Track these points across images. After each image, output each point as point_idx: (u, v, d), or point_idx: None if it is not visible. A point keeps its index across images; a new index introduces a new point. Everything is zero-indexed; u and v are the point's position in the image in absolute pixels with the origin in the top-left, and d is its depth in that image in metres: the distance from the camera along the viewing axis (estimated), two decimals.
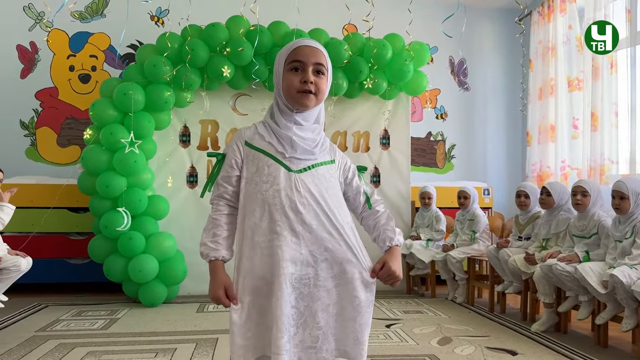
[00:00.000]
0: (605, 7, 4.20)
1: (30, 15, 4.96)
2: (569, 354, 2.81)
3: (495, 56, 5.98)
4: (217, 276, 1.43)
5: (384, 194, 4.81)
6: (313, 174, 1.43)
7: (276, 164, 1.41)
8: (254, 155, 1.43)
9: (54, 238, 4.45)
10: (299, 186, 1.39)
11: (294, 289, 1.36)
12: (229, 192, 1.45)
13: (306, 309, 1.38)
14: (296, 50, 1.41)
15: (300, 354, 1.38)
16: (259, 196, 1.39)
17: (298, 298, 1.37)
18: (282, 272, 1.34)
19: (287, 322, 1.34)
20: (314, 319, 1.38)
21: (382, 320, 3.55)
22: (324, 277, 1.39)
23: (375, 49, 4.33)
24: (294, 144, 1.41)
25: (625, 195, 2.92)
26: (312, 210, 1.38)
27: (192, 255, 4.31)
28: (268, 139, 1.43)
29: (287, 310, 1.34)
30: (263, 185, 1.39)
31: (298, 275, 1.37)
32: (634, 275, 2.66)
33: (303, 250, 1.37)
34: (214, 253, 1.43)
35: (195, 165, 4.53)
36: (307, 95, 1.40)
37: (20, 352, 2.78)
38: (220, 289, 1.41)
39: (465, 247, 4.21)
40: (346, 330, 1.42)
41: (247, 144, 1.44)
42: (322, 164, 1.46)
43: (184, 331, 3.27)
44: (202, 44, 4.06)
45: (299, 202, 1.38)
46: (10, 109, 4.90)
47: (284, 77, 1.41)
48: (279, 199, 1.37)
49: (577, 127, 4.66)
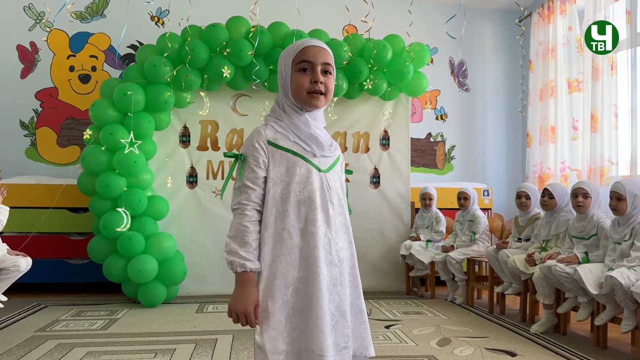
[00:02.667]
0: (605, 9, 4.21)
1: (30, 16, 4.96)
2: (568, 355, 2.81)
3: (495, 57, 5.98)
4: (251, 291, 1.33)
5: (384, 195, 4.81)
6: (334, 171, 1.45)
7: (307, 164, 1.39)
8: (282, 155, 1.38)
9: (53, 238, 4.45)
10: (328, 186, 1.41)
11: (328, 290, 1.37)
12: (257, 195, 1.37)
13: (337, 309, 1.39)
14: (304, 51, 1.40)
15: (336, 357, 1.37)
16: (292, 197, 1.36)
17: (330, 299, 1.37)
18: (319, 272, 1.35)
19: (327, 323, 1.34)
20: (344, 318, 1.39)
21: (382, 321, 3.55)
22: (345, 276, 1.42)
23: (375, 49, 4.33)
24: (319, 142, 1.41)
25: (622, 196, 2.92)
26: (336, 210, 1.41)
27: (192, 256, 4.33)
28: (293, 139, 1.40)
29: (327, 312, 1.35)
30: (295, 186, 1.37)
31: (329, 276, 1.38)
32: (633, 277, 2.66)
33: (332, 250, 1.39)
34: (251, 265, 1.32)
35: (195, 166, 4.53)
36: (318, 95, 1.39)
37: (19, 352, 2.78)
38: (252, 305, 1.33)
39: (464, 248, 4.21)
40: (357, 324, 1.45)
41: (270, 144, 1.38)
42: (337, 161, 1.48)
43: (183, 332, 3.27)
44: (202, 44, 4.07)
45: (329, 202, 1.39)
46: (10, 109, 4.90)
47: (293, 77, 1.40)
48: (314, 199, 1.37)
49: (577, 129, 4.66)
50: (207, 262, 4.36)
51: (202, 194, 4.51)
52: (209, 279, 4.32)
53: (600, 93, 4.21)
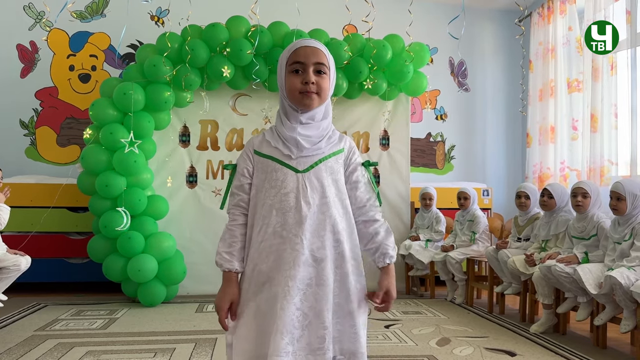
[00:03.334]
0: (605, 9, 4.21)
1: (30, 15, 4.96)
2: (568, 355, 2.81)
3: (495, 57, 5.98)
4: (229, 288, 1.42)
5: (384, 195, 4.81)
6: (320, 168, 1.42)
7: (283, 168, 1.41)
8: (262, 162, 1.44)
9: (53, 238, 4.45)
10: (305, 186, 1.39)
11: (298, 291, 1.36)
12: (244, 200, 1.45)
13: (310, 309, 1.37)
14: (296, 52, 1.41)
15: (309, 356, 1.36)
16: (267, 202, 1.40)
17: (302, 299, 1.36)
18: (287, 274, 1.35)
19: (290, 324, 1.33)
20: (319, 319, 1.37)
21: (381, 321, 3.55)
22: (325, 276, 1.38)
23: (375, 49, 4.33)
24: (299, 144, 1.41)
25: (622, 196, 2.92)
26: (315, 208, 1.38)
27: (192, 255, 4.33)
28: (274, 144, 1.43)
29: (290, 313, 1.34)
30: (271, 190, 1.40)
31: (301, 277, 1.36)
32: (633, 277, 2.67)
33: (306, 250, 1.37)
34: (228, 265, 1.42)
35: (195, 165, 4.53)
36: (309, 95, 1.40)
37: (19, 352, 2.78)
38: (226, 302, 1.41)
39: (464, 248, 4.21)
40: (345, 326, 1.42)
41: (256, 152, 1.46)
42: (331, 156, 1.45)
43: (183, 331, 3.27)
44: (202, 44, 4.07)
45: (305, 202, 1.38)
46: (10, 109, 4.90)
47: (286, 79, 1.42)
48: (286, 202, 1.38)
49: (576, 129, 4.66)
50: (206, 262, 4.35)
51: (202, 194, 4.51)
52: (208, 279, 4.31)
53: (600, 93, 4.21)
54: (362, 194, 1.49)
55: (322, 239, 1.39)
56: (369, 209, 1.49)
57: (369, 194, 1.51)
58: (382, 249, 1.47)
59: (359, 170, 1.50)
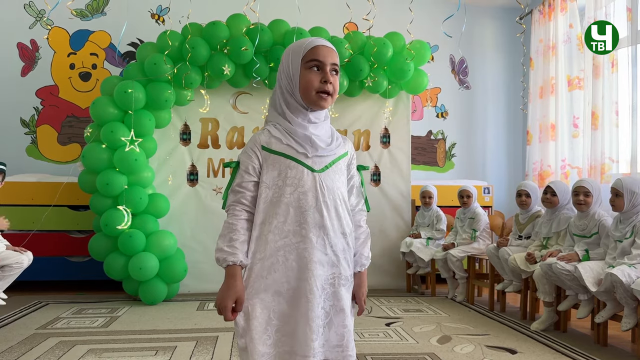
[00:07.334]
0: (606, 6, 4.20)
1: (30, 13, 4.96)
2: (569, 352, 2.82)
3: (496, 55, 5.97)
4: (234, 284, 1.34)
5: (385, 193, 4.81)
6: (333, 170, 1.42)
7: (299, 166, 1.38)
8: (274, 159, 1.39)
9: (54, 236, 4.45)
10: (323, 186, 1.38)
11: (323, 290, 1.37)
12: (246, 197, 1.39)
13: (332, 308, 1.38)
14: (315, 50, 1.39)
15: (327, 353, 1.38)
16: (282, 199, 1.36)
17: (325, 299, 1.38)
18: (310, 274, 1.34)
19: (317, 323, 1.34)
20: (339, 317, 1.39)
21: (382, 319, 3.55)
22: (344, 276, 1.41)
23: (375, 47, 4.33)
24: (314, 143, 1.39)
25: (620, 192, 2.93)
26: (332, 209, 1.39)
27: (193, 254, 4.34)
28: (286, 142, 1.39)
29: (318, 312, 1.34)
30: (287, 188, 1.37)
31: (325, 277, 1.37)
32: (634, 274, 2.67)
33: (328, 250, 1.38)
34: (232, 257, 1.34)
35: (196, 164, 4.53)
36: (326, 97, 1.39)
37: (20, 350, 2.79)
38: (231, 299, 1.33)
39: (465, 246, 4.22)
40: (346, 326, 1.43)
41: (264, 149, 1.40)
42: (340, 158, 1.45)
43: (184, 329, 3.28)
44: (203, 42, 4.06)
45: (323, 202, 1.37)
46: (11, 107, 4.90)
47: (302, 75, 1.39)
48: (305, 201, 1.36)
49: (577, 126, 4.66)
50: (207, 260, 4.36)
51: (203, 192, 4.51)
52: (209, 277, 4.32)
53: (601, 90, 4.21)
54: (353, 199, 1.51)
55: (339, 239, 1.40)
56: (357, 214, 1.51)
57: (358, 199, 1.53)
58: (357, 256, 1.48)
59: (356, 175, 1.52)
